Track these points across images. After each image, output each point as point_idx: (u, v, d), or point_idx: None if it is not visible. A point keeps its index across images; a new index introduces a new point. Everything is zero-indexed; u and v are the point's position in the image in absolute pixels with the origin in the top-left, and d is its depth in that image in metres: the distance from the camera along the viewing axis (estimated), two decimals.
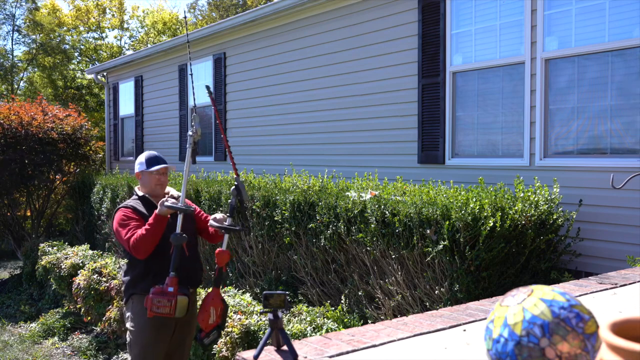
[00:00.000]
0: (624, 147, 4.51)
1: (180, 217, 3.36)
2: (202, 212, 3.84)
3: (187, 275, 3.51)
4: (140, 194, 3.62)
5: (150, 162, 3.59)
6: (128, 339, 3.52)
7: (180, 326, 3.54)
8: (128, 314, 3.54)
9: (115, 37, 28.95)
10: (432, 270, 4.08)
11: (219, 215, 3.48)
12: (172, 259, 3.32)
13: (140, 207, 3.52)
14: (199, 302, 3.70)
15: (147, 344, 3.42)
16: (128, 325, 3.52)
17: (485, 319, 2.30)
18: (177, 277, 3.29)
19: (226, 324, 4.26)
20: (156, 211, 3.33)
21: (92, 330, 6.81)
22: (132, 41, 27.04)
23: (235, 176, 3.50)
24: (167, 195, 3.67)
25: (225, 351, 4.14)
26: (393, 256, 4.30)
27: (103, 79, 13.38)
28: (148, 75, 11.54)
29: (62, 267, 7.06)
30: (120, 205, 3.58)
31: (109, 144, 13.15)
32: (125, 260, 3.76)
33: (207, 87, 3.59)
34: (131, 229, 3.38)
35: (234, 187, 3.43)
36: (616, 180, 4.15)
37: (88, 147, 11.04)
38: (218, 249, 3.39)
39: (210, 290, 3.46)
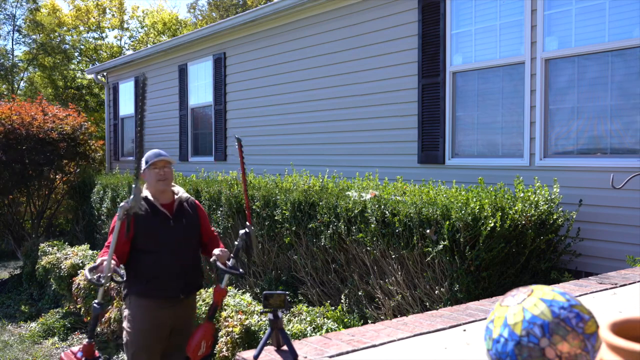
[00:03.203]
0: (624, 147, 4.51)
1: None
2: (207, 220, 3.76)
3: (186, 281, 3.49)
4: (145, 194, 3.54)
5: (150, 158, 3.51)
6: (124, 340, 3.51)
7: (177, 330, 3.52)
8: (125, 312, 3.54)
9: (115, 37, 28.97)
10: (432, 270, 4.08)
11: (222, 252, 3.43)
12: (90, 325, 3.28)
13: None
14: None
15: (142, 346, 3.41)
16: (124, 324, 3.51)
17: (485, 319, 2.30)
18: (93, 344, 3.25)
19: (227, 324, 4.28)
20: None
21: None
22: (132, 41, 27.05)
23: (248, 224, 3.49)
24: (175, 196, 3.59)
25: (226, 351, 4.15)
26: (393, 256, 4.30)
27: (103, 79, 13.38)
28: (148, 75, 11.53)
29: (62, 267, 7.06)
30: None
31: (109, 144, 13.15)
32: None
33: (238, 139, 3.58)
34: (107, 241, 3.36)
35: (244, 231, 3.41)
36: (616, 180, 4.15)
37: (88, 146, 11.04)
38: (217, 286, 3.43)
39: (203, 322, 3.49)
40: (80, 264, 6.82)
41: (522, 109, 5.10)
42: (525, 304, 1.35)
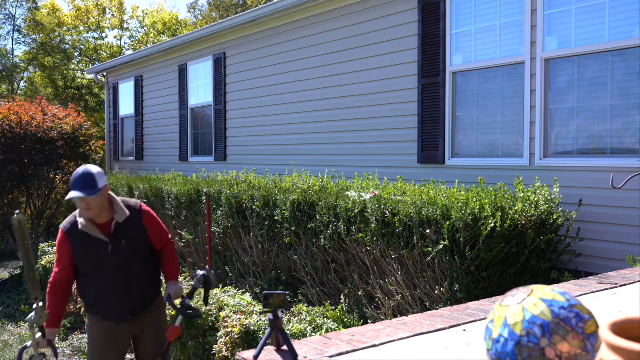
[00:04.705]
0: (624, 147, 4.51)
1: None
2: (158, 225, 3.42)
3: (133, 304, 3.27)
4: (79, 219, 3.21)
5: (73, 184, 3.12)
6: (87, 353, 3.46)
7: (140, 338, 3.40)
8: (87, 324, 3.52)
9: (115, 37, 28.97)
10: (432, 270, 4.08)
11: (176, 290, 3.24)
12: None
13: (74, 228, 3.24)
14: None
15: (99, 358, 3.35)
16: (87, 337, 3.46)
17: (485, 319, 2.30)
18: None
19: (226, 325, 4.27)
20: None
21: None
22: (132, 41, 27.06)
23: (207, 267, 3.31)
24: (115, 215, 3.23)
25: (225, 351, 4.14)
26: (393, 256, 4.30)
27: (103, 79, 13.38)
28: (148, 75, 11.54)
29: None
30: (62, 223, 3.33)
31: (109, 144, 13.15)
32: None
33: (207, 195, 3.48)
34: (56, 267, 3.22)
35: (202, 274, 3.23)
36: (616, 180, 4.15)
37: (88, 147, 11.04)
38: (172, 325, 3.27)
39: None
40: None
41: (522, 109, 5.10)
42: (525, 304, 1.35)
